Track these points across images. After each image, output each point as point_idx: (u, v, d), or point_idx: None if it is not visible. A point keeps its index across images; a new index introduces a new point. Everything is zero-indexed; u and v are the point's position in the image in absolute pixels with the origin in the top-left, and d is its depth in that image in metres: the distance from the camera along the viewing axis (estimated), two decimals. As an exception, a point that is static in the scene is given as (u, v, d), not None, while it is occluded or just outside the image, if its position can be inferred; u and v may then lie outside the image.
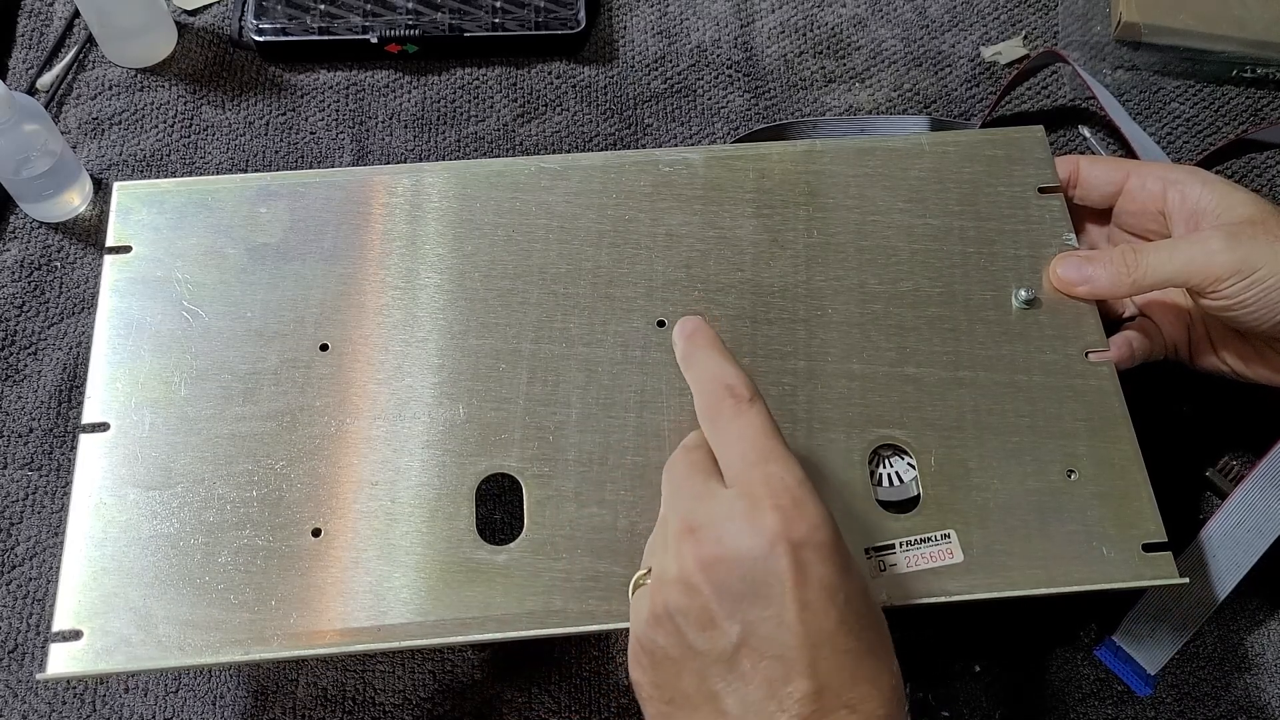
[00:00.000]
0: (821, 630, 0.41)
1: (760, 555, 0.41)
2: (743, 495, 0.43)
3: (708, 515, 0.43)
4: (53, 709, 0.59)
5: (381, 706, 0.60)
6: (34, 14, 0.81)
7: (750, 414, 0.45)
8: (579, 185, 0.61)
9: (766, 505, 0.42)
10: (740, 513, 0.42)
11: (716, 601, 0.42)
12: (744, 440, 0.45)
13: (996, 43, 0.82)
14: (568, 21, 0.79)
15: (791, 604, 0.41)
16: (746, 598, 0.41)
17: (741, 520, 0.42)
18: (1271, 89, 0.79)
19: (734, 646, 0.41)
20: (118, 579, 0.51)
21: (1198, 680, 0.61)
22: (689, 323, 0.50)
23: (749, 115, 0.78)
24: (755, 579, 0.41)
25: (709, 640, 0.42)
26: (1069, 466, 0.55)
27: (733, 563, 0.41)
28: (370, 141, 0.77)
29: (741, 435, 0.45)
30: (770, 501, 0.42)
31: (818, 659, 0.40)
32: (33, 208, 0.72)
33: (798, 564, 0.41)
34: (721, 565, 0.42)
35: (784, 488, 0.42)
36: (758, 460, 0.44)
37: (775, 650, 0.41)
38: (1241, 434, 0.67)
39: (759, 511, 0.42)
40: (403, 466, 0.54)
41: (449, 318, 0.57)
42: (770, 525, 0.41)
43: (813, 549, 0.41)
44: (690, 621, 0.42)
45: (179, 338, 0.56)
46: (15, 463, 0.66)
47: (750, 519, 0.42)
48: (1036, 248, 0.60)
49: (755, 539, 0.41)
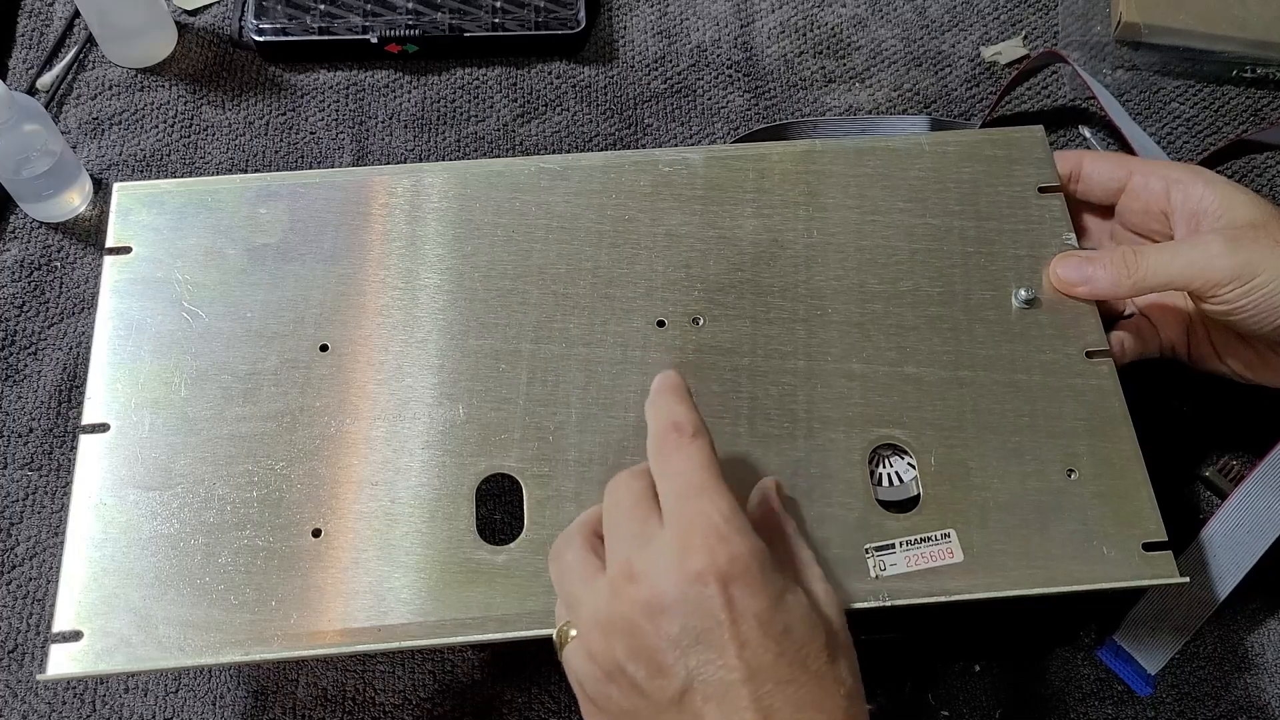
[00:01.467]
0: (761, 665, 0.42)
1: (694, 598, 0.42)
2: (676, 536, 0.44)
3: (646, 560, 0.44)
4: (53, 709, 0.59)
5: (381, 706, 0.60)
6: (34, 14, 0.81)
7: (690, 448, 0.46)
8: (578, 185, 0.61)
9: (695, 545, 0.43)
10: (674, 556, 0.43)
11: (661, 646, 0.42)
12: (680, 475, 0.46)
13: (996, 43, 0.82)
14: (568, 21, 0.79)
15: (730, 643, 0.42)
16: (688, 641, 0.42)
17: (675, 564, 0.43)
18: (1271, 89, 0.79)
19: (680, 691, 0.42)
20: (118, 580, 0.51)
21: (1198, 680, 0.61)
22: (661, 376, 0.51)
23: (749, 115, 0.78)
24: (694, 622, 0.42)
25: (659, 688, 0.43)
26: (1069, 466, 0.55)
27: (672, 608, 0.42)
28: (370, 141, 0.77)
29: (679, 470, 0.46)
30: (698, 540, 0.43)
31: (760, 694, 0.41)
32: (33, 208, 0.72)
33: (729, 601, 0.42)
34: (661, 611, 0.42)
35: (711, 525, 0.43)
36: (690, 495, 0.45)
37: (720, 690, 0.42)
38: (1241, 434, 0.67)
39: (689, 553, 0.43)
40: (402, 467, 0.54)
41: (449, 318, 0.57)
42: (698, 567, 0.42)
43: (741, 584, 0.42)
44: (640, 669, 0.43)
45: (179, 338, 0.56)
46: (15, 463, 0.66)
47: (682, 562, 0.43)
48: (1036, 247, 0.60)
49: (689, 583, 0.42)
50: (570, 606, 0.47)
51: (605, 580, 0.45)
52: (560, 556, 0.48)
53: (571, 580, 0.47)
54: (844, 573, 0.52)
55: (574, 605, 0.46)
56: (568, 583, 0.47)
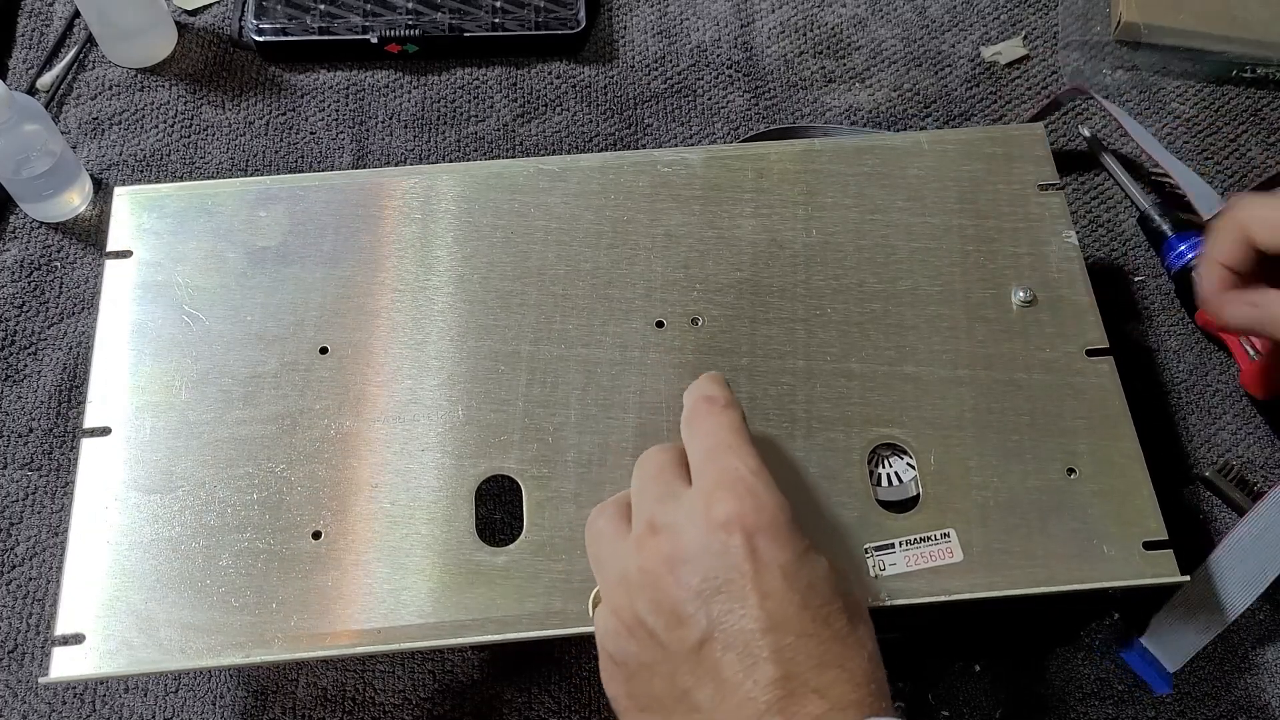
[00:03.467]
0: (784, 616, 0.41)
1: (718, 548, 0.42)
2: (701, 491, 0.44)
3: (670, 515, 0.44)
4: (52, 709, 0.60)
5: (381, 706, 0.60)
6: (34, 14, 0.81)
7: (721, 414, 0.47)
8: (577, 186, 0.61)
9: (720, 497, 0.43)
10: (699, 509, 0.43)
11: (682, 597, 0.42)
12: (709, 436, 0.46)
13: (996, 43, 0.82)
14: (568, 21, 0.79)
15: (752, 592, 0.41)
16: (709, 590, 0.42)
17: (700, 516, 0.43)
18: (1271, 89, 0.79)
19: (700, 640, 0.42)
20: (119, 582, 0.51)
21: (1198, 680, 0.61)
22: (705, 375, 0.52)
23: (749, 115, 0.78)
24: (716, 571, 0.42)
25: (679, 638, 0.42)
26: (1069, 465, 0.55)
27: (694, 558, 0.42)
28: (370, 141, 0.77)
29: (708, 432, 0.47)
30: (724, 493, 0.43)
31: (782, 645, 0.41)
32: (33, 208, 0.73)
33: (753, 551, 0.42)
34: (683, 561, 0.42)
35: (737, 478, 0.44)
36: (718, 452, 0.45)
37: (740, 640, 0.41)
38: (1241, 434, 0.67)
39: (713, 504, 0.43)
40: (402, 469, 0.54)
41: (448, 320, 0.57)
42: (724, 516, 0.42)
43: (767, 535, 0.42)
44: (660, 620, 0.43)
45: (179, 342, 0.56)
46: (15, 463, 0.66)
47: (707, 513, 0.43)
48: (1036, 245, 0.60)
49: (712, 532, 0.42)
50: (598, 570, 0.47)
51: (630, 539, 0.45)
52: (593, 525, 0.49)
53: (600, 544, 0.47)
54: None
55: (601, 567, 0.47)
56: (596, 547, 0.48)
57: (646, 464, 0.48)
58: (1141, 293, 0.72)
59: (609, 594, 0.46)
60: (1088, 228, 0.74)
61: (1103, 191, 0.75)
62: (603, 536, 0.48)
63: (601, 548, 0.47)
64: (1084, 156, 0.76)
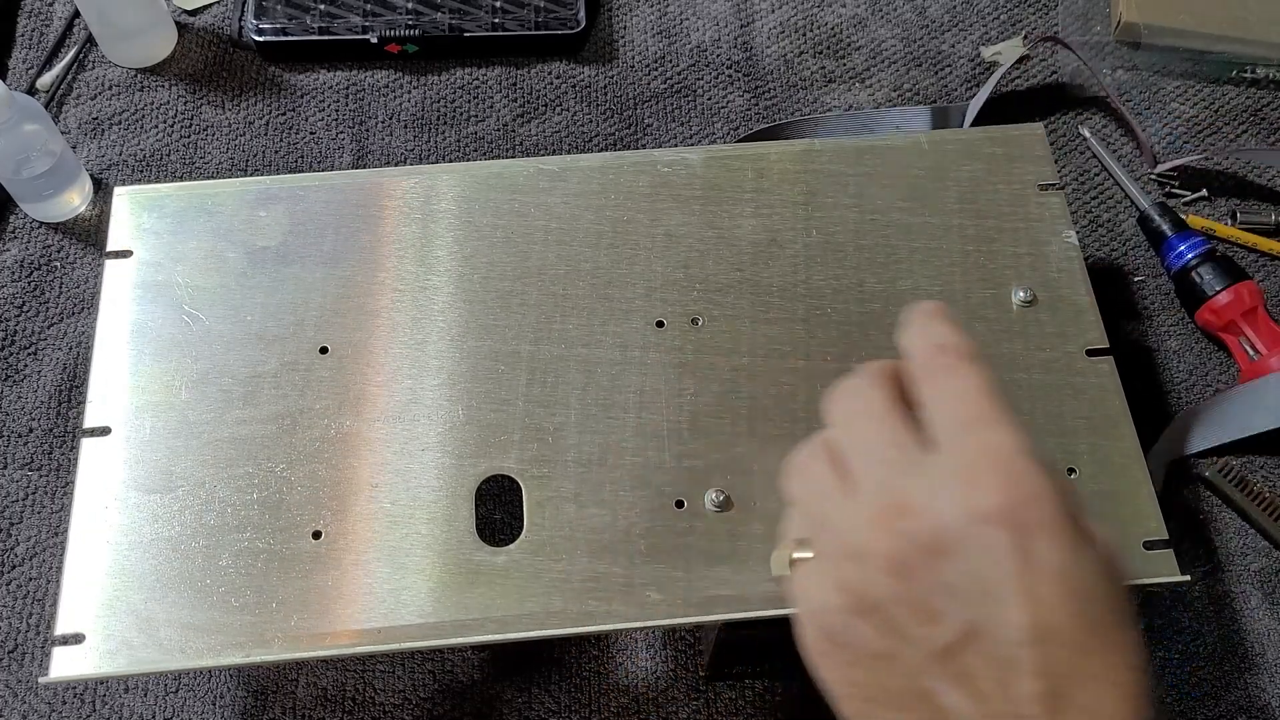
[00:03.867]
0: (1053, 626, 0.36)
1: (984, 544, 0.36)
2: (958, 469, 0.38)
3: (919, 493, 0.38)
4: (52, 709, 0.60)
5: (381, 706, 0.60)
6: (34, 14, 0.81)
7: (970, 370, 0.40)
8: (577, 186, 0.61)
9: (985, 481, 0.37)
10: (957, 493, 0.37)
11: (936, 593, 0.37)
12: (960, 399, 0.39)
13: (996, 43, 0.82)
14: (568, 21, 0.79)
15: (1018, 597, 0.36)
16: (969, 591, 0.36)
17: (959, 502, 0.37)
18: (1271, 89, 0.79)
19: (953, 642, 0.37)
20: (119, 582, 0.51)
21: (1198, 680, 0.61)
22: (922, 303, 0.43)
23: (749, 115, 0.78)
24: (979, 569, 0.36)
25: (925, 636, 0.37)
26: (1070, 464, 0.55)
27: (954, 551, 0.36)
28: (370, 141, 0.77)
29: (957, 393, 0.39)
30: (990, 479, 0.37)
31: (1048, 658, 0.36)
32: (33, 208, 0.73)
33: (1023, 550, 0.36)
34: (941, 554, 0.37)
35: (1003, 459, 0.37)
36: (974, 424, 0.38)
37: (1001, 649, 0.36)
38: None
39: (977, 489, 0.37)
40: (402, 468, 0.54)
41: (448, 320, 0.57)
42: (991, 507, 0.36)
43: (1040, 530, 0.36)
44: (904, 612, 0.37)
45: (179, 342, 0.56)
46: (15, 463, 0.66)
47: (968, 500, 0.37)
48: (1036, 245, 0.60)
49: (976, 525, 0.36)
50: (815, 526, 0.41)
51: (864, 505, 0.39)
52: (804, 468, 0.42)
53: (820, 497, 0.41)
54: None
55: (821, 525, 0.40)
56: (815, 500, 0.41)
57: (858, 406, 0.41)
58: (1141, 293, 0.72)
59: (834, 564, 0.39)
60: (1088, 228, 0.74)
61: (1103, 191, 0.76)
62: (820, 486, 0.41)
63: (822, 502, 0.40)
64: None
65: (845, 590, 0.39)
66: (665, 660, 0.61)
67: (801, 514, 0.42)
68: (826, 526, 0.40)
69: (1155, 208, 0.72)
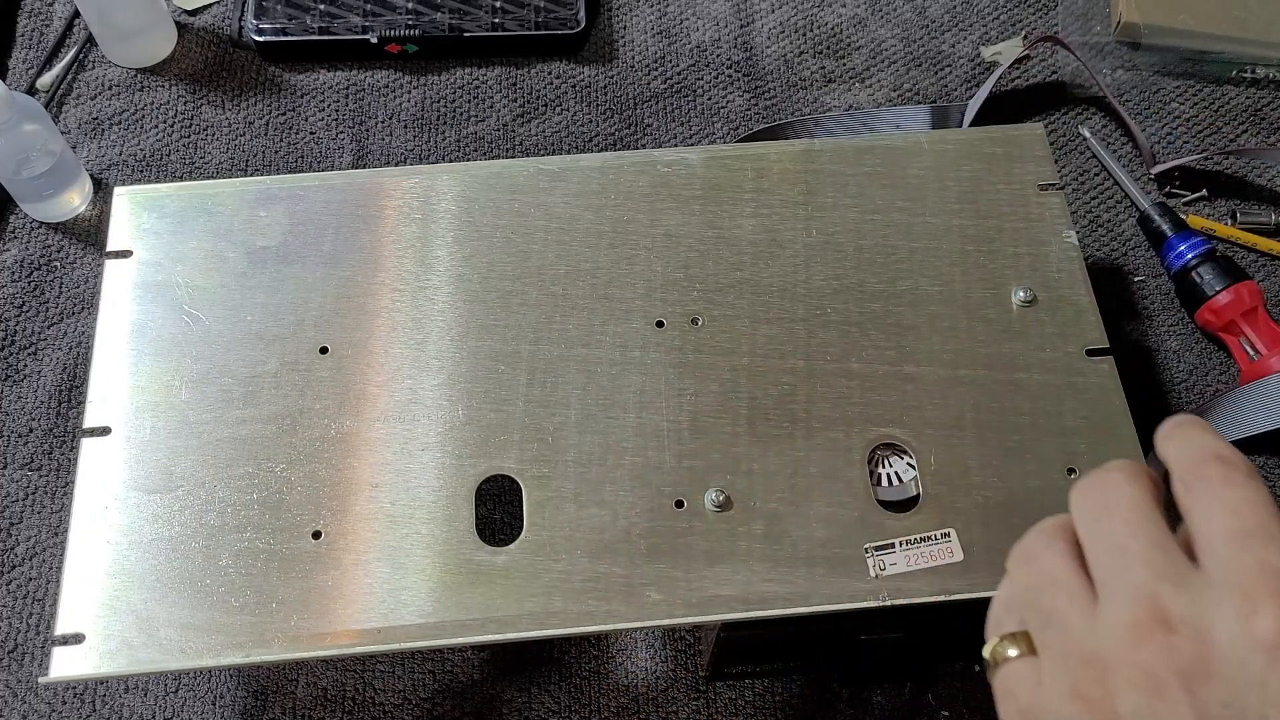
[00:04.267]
0: None
1: (1255, 674, 0.33)
2: (1235, 590, 0.34)
3: (1188, 608, 0.35)
4: (52, 709, 0.60)
5: (381, 706, 0.60)
6: (34, 14, 0.81)
7: (1248, 485, 0.36)
8: (577, 186, 0.61)
9: (1266, 606, 0.33)
10: (1229, 610, 0.34)
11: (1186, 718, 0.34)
12: (1234, 512, 0.36)
13: (996, 43, 0.82)
14: (568, 21, 0.79)
15: None
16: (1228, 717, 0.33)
17: (1234, 623, 0.34)
18: (1271, 89, 0.79)
19: None
20: (119, 582, 0.51)
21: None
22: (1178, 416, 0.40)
23: (749, 115, 0.78)
24: (1243, 700, 0.33)
25: None
26: (1069, 465, 0.55)
27: (1221, 677, 0.34)
28: (370, 141, 0.77)
29: (1232, 505, 0.36)
30: (1271, 601, 0.33)
31: None
32: (33, 208, 0.73)
33: None
34: (1205, 679, 0.34)
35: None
36: (1251, 539, 0.35)
37: None
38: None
39: (1255, 614, 0.33)
40: (402, 468, 0.54)
41: (448, 320, 0.57)
42: (1269, 634, 0.33)
43: None
44: None
45: (179, 342, 0.56)
46: (15, 463, 0.66)
47: (1246, 624, 0.33)
48: (1036, 245, 0.60)
49: (1252, 652, 0.33)
50: (1041, 621, 0.38)
51: (1114, 609, 0.36)
52: (1036, 558, 0.39)
53: (1054, 595, 0.38)
54: (844, 573, 0.52)
55: (1052, 625, 0.38)
56: (1048, 596, 0.38)
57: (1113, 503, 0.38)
58: (1141, 293, 0.72)
59: (1066, 668, 0.37)
60: (1088, 228, 0.74)
61: (1103, 191, 0.76)
62: (1057, 585, 0.38)
63: (1056, 601, 0.37)
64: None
65: (1081, 699, 0.36)
66: (665, 660, 0.61)
67: (1028, 606, 0.39)
68: (1055, 624, 0.37)
69: (1155, 208, 0.72)
